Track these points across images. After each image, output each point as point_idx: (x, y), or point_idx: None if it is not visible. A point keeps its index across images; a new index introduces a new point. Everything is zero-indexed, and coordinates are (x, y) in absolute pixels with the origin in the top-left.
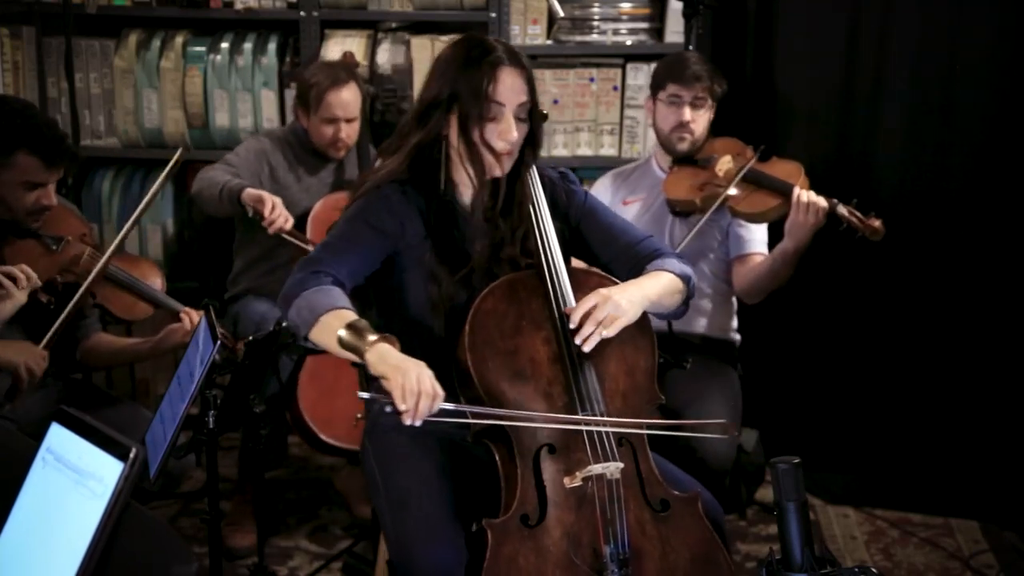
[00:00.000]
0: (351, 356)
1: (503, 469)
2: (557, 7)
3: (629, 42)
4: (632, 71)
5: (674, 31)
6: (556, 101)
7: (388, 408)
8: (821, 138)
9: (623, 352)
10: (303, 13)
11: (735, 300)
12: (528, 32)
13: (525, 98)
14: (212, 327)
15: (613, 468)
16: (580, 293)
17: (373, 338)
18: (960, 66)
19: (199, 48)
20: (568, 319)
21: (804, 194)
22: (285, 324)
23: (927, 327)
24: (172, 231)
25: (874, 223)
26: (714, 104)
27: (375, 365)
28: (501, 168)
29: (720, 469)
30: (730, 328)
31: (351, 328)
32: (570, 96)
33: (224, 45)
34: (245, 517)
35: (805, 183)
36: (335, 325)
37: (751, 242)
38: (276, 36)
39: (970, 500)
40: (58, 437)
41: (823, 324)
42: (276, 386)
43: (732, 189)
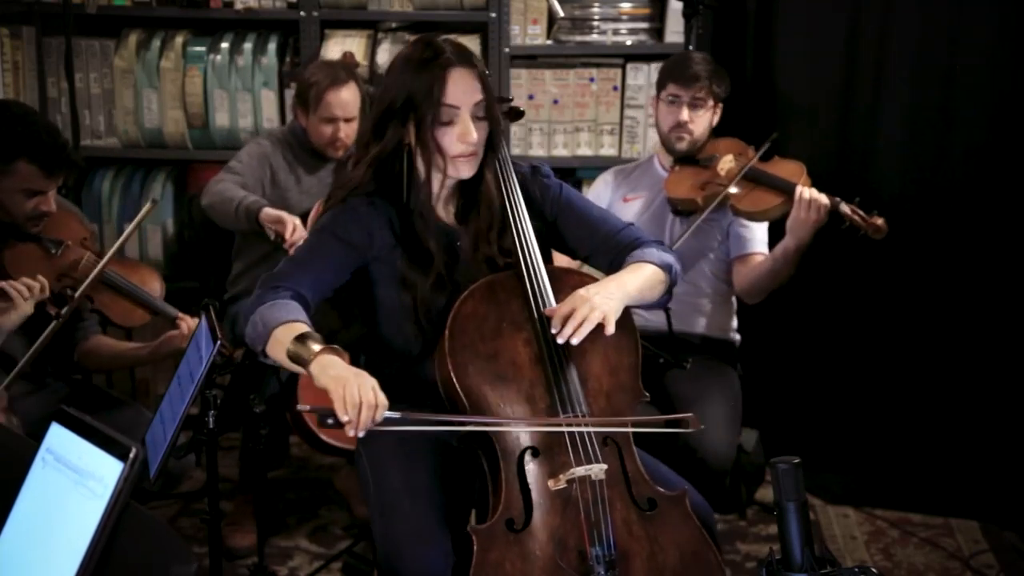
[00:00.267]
0: (300, 369)
1: (489, 473)
2: (557, 7)
3: (629, 42)
4: (632, 71)
5: (674, 31)
6: (556, 101)
7: (330, 420)
8: (821, 138)
9: (606, 351)
10: (303, 13)
11: (735, 300)
12: (528, 32)
13: (480, 96)
14: (212, 327)
15: (596, 470)
16: (560, 292)
17: (317, 348)
18: (960, 66)
19: (199, 48)
20: (549, 322)
21: (807, 191)
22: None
23: (927, 327)
24: (172, 231)
25: (876, 221)
26: (716, 105)
27: (317, 377)
28: (467, 169)
29: (720, 469)
30: (730, 328)
31: (298, 340)
32: (570, 96)
33: (224, 45)
34: (245, 517)
35: (807, 182)
36: (285, 339)
37: (752, 242)
38: (276, 36)
39: (970, 500)
40: (58, 437)
41: (823, 324)
42: (276, 386)
43: (734, 187)
